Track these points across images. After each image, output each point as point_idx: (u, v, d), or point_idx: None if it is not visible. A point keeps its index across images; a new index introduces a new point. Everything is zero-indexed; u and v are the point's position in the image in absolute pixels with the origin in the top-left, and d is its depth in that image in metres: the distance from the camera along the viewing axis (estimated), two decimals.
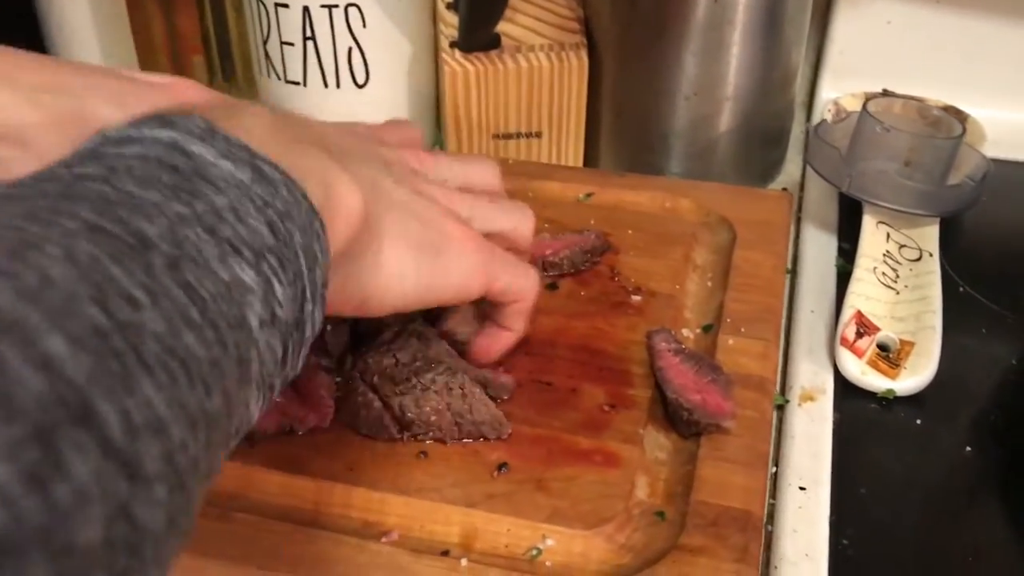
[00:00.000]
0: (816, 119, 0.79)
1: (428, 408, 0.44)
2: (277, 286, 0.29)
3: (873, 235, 0.60)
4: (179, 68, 0.77)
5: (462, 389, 0.44)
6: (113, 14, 0.76)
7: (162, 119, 0.31)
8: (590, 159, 0.74)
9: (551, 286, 0.55)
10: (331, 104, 0.71)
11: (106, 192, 0.27)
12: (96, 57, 0.78)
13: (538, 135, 0.71)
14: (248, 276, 0.28)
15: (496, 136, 0.70)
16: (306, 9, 0.66)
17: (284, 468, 0.44)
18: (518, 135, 0.70)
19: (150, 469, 0.22)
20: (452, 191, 0.44)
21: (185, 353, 0.25)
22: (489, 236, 0.45)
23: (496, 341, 0.48)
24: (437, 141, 0.77)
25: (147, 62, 0.77)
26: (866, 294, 0.56)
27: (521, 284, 0.46)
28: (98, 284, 0.23)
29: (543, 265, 0.55)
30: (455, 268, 0.41)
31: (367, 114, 0.71)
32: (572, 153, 0.72)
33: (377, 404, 0.44)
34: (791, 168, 0.76)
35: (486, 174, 0.49)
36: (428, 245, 0.40)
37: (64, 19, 0.76)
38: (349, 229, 0.35)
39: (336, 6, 0.66)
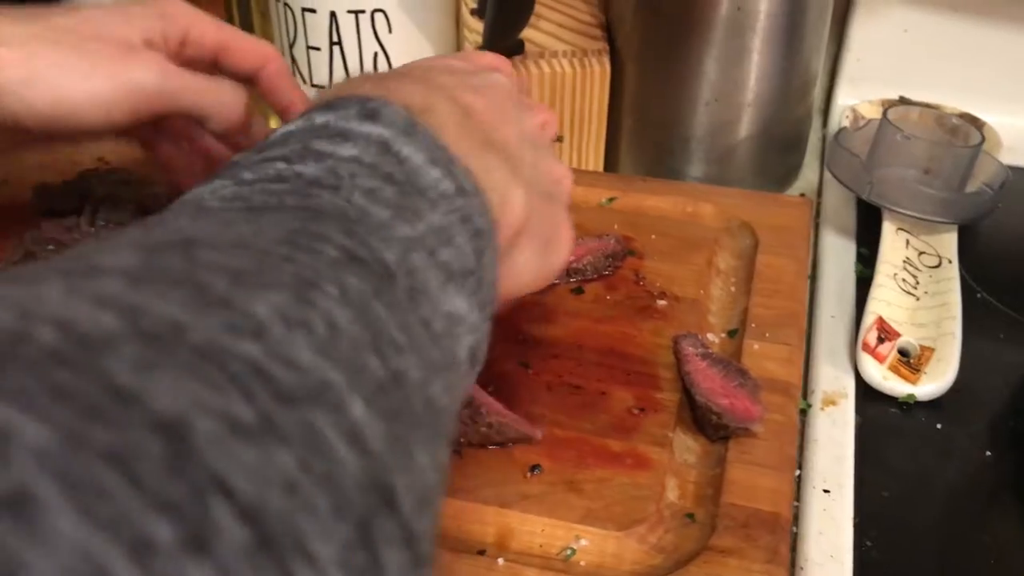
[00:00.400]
0: (833, 125, 0.80)
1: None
2: (476, 313, 0.28)
3: (893, 242, 0.61)
4: None
5: (488, 422, 0.45)
6: None
7: (363, 106, 0.30)
8: (611, 163, 0.75)
9: (577, 290, 0.56)
10: None
11: (345, 209, 0.26)
12: None
13: (560, 139, 0.71)
14: (460, 305, 0.27)
15: None
16: (333, 14, 0.67)
17: None
18: None
19: (426, 550, 0.20)
20: (568, 174, 0.43)
21: (436, 404, 0.23)
22: None
23: None
24: None
25: None
26: (887, 300, 0.56)
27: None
28: (372, 328, 0.22)
29: (567, 271, 0.56)
30: (557, 262, 0.40)
31: None
32: (593, 157, 0.73)
33: None
34: (808, 173, 0.77)
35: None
36: (547, 244, 0.39)
37: None
38: (505, 240, 0.34)
39: (363, 11, 0.67)
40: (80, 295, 0.19)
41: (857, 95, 0.80)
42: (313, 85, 0.71)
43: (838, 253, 0.65)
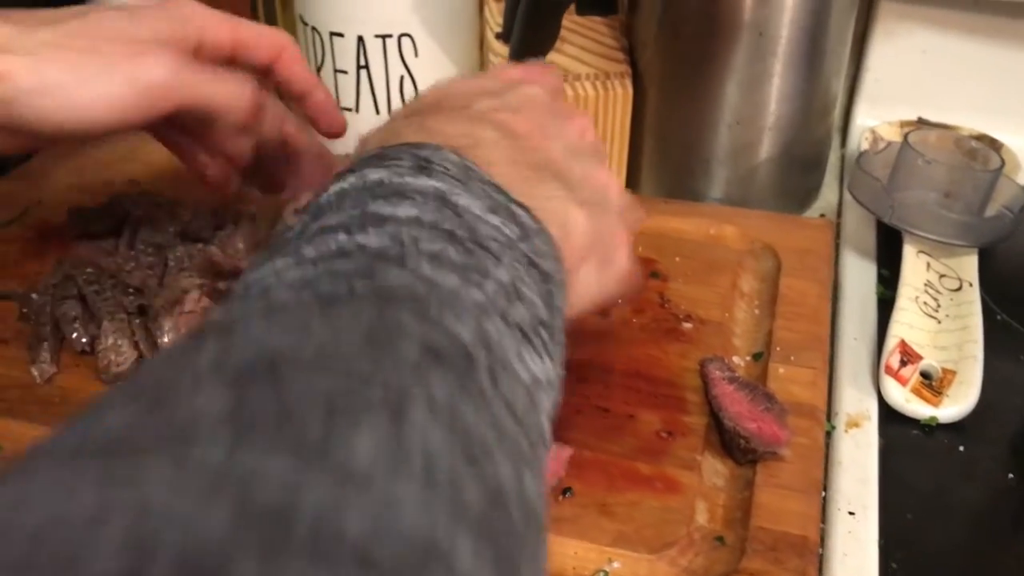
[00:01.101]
0: (852, 145, 0.81)
1: None
2: (551, 368, 0.28)
3: (914, 264, 0.61)
4: None
5: None
6: None
7: (415, 156, 0.29)
8: (632, 184, 0.75)
9: (603, 313, 0.57)
10: None
11: (414, 287, 0.25)
12: None
13: None
14: (537, 367, 0.27)
15: None
16: (360, 39, 0.69)
17: None
18: None
19: None
20: (615, 180, 0.42)
21: (531, 503, 0.23)
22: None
23: None
24: None
25: None
26: (909, 323, 0.57)
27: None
28: (464, 440, 0.22)
29: None
30: (620, 275, 0.40)
31: None
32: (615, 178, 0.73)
33: None
34: (828, 194, 0.78)
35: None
36: (604, 258, 0.38)
37: None
38: (573, 265, 0.34)
39: (390, 36, 0.68)
40: (187, 484, 0.18)
41: (876, 115, 0.81)
42: (341, 108, 0.72)
43: (859, 274, 0.66)
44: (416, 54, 0.70)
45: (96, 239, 0.59)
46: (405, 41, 0.69)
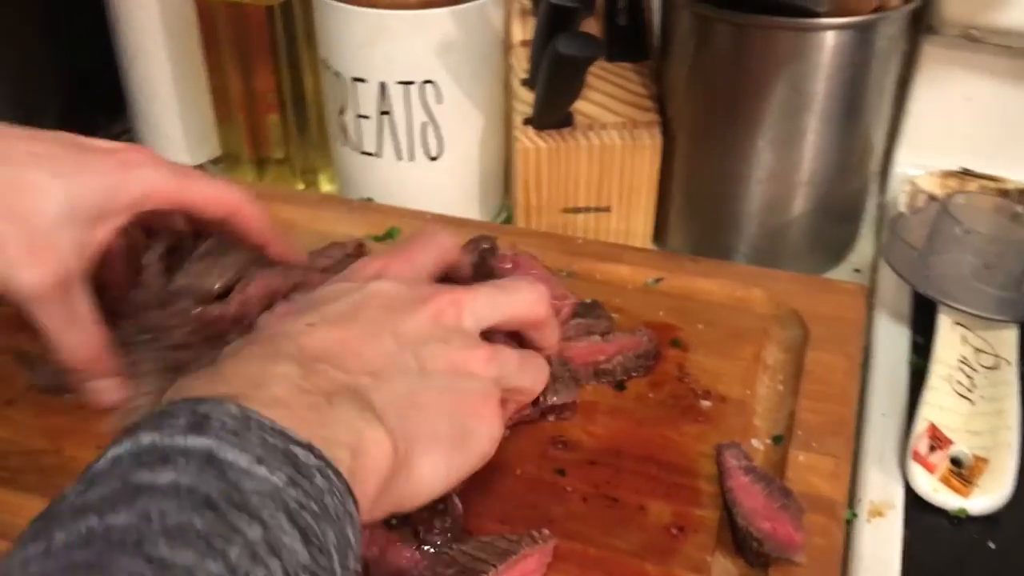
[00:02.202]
0: (891, 194, 0.78)
1: None
2: None
3: (948, 337, 0.59)
4: (254, 125, 0.78)
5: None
6: (192, 74, 0.78)
7: (194, 413, 0.30)
8: (659, 233, 0.73)
9: (619, 386, 0.55)
10: (404, 175, 0.71)
11: (140, 569, 0.26)
12: (175, 112, 0.80)
13: (607, 209, 0.71)
14: None
15: (565, 210, 0.70)
16: (383, 85, 0.67)
17: None
18: (587, 209, 0.70)
19: None
20: (481, 353, 0.43)
21: None
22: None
23: None
24: (506, 211, 0.78)
25: (223, 118, 0.79)
26: (940, 404, 0.55)
27: (530, 391, 0.47)
28: None
29: (595, 372, 0.55)
30: (484, 446, 0.41)
31: (439, 185, 0.72)
32: (641, 227, 0.72)
33: None
34: (864, 246, 0.75)
35: (533, 305, 0.48)
36: (458, 438, 0.40)
37: (145, 76, 0.78)
38: (380, 480, 0.35)
39: (412, 83, 0.67)
40: None
41: (918, 162, 0.78)
42: (362, 152, 0.71)
43: (892, 340, 0.63)
44: (439, 100, 0.68)
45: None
46: (428, 88, 0.67)
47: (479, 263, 0.58)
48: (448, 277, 0.51)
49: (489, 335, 0.46)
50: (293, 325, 0.38)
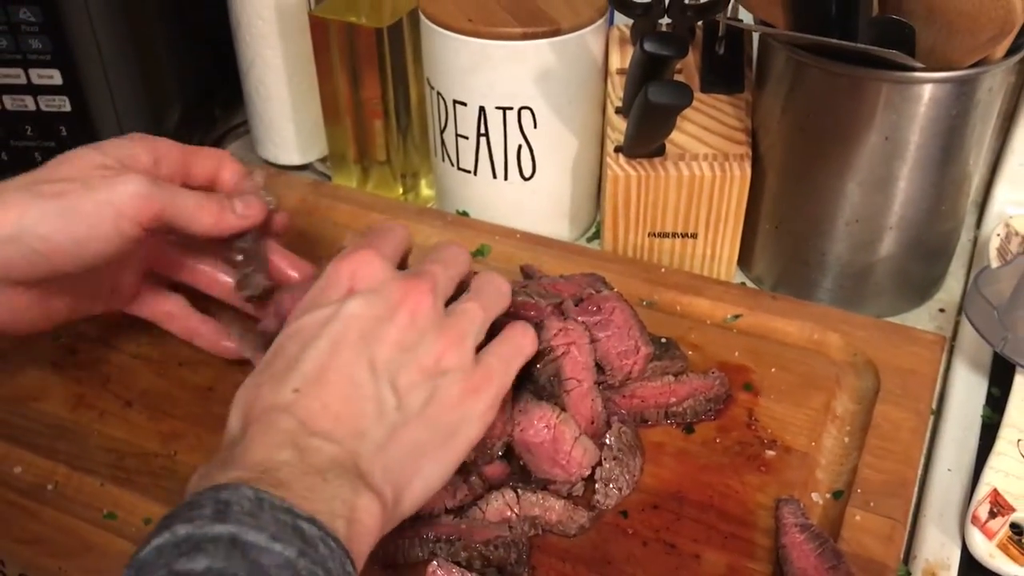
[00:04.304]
0: (986, 229, 0.77)
1: None
2: None
3: (1022, 402, 0.59)
4: (359, 129, 0.82)
5: None
6: (305, 80, 0.82)
7: (217, 501, 0.35)
8: (744, 260, 0.75)
9: (688, 428, 0.57)
10: (498, 193, 0.74)
11: None
12: (287, 114, 0.84)
13: (694, 236, 0.72)
14: None
15: (652, 234, 0.72)
16: (482, 109, 0.70)
17: None
18: (674, 235, 0.72)
19: None
20: (450, 340, 0.46)
21: None
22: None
23: None
24: (595, 231, 0.80)
25: (331, 121, 0.83)
26: (1005, 470, 0.55)
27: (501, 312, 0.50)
28: None
29: (666, 413, 0.57)
30: (472, 430, 0.46)
31: (532, 203, 0.74)
32: (727, 255, 0.73)
33: None
34: (952, 283, 0.75)
35: (461, 262, 0.51)
36: (442, 440, 0.44)
37: (262, 80, 0.83)
38: (372, 537, 0.40)
39: (510, 108, 0.69)
40: None
41: (1016, 199, 0.77)
42: (460, 168, 0.74)
43: (968, 390, 0.64)
44: (535, 125, 0.70)
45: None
46: (525, 113, 0.70)
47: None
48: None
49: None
50: (280, 395, 0.42)
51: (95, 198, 0.51)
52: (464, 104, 0.70)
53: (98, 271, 0.53)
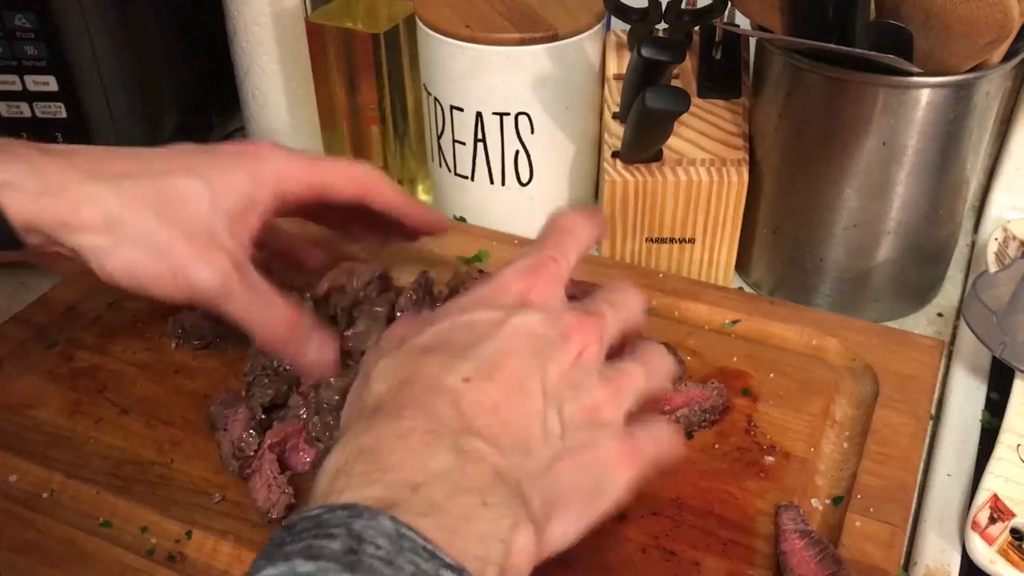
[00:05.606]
0: (983, 234, 0.77)
1: None
2: None
3: (1022, 406, 0.59)
4: (356, 134, 0.82)
5: None
6: (302, 88, 0.82)
7: (350, 532, 0.31)
8: (742, 265, 0.75)
9: (687, 434, 0.57)
10: (496, 198, 0.74)
11: None
12: (284, 119, 0.84)
13: (691, 241, 0.72)
14: None
15: (649, 239, 0.72)
16: (479, 114, 0.70)
17: None
18: (672, 240, 0.72)
19: None
20: (609, 395, 0.42)
21: None
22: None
23: None
24: None
25: (328, 126, 0.83)
26: (1005, 475, 0.55)
27: (663, 389, 0.46)
28: None
29: None
30: (616, 493, 0.40)
31: (529, 208, 0.74)
32: (725, 260, 0.73)
33: None
34: (949, 288, 0.75)
35: (641, 312, 0.47)
36: (590, 493, 0.39)
37: (258, 86, 0.82)
38: (527, 567, 0.35)
39: (507, 114, 0.69)
40: None
41: (1014, 204, 0.77)
42: (457, 174, 0.74)
43: (967, 395, 0.64)
44: (532, 131, 0.70)
45: None
46: (522, 119, 0.70)
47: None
48: None
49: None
50: (450, 376, 0.38)
51: (177, 270, 0.48)
52: (461, 110, 0.70)
53: None
